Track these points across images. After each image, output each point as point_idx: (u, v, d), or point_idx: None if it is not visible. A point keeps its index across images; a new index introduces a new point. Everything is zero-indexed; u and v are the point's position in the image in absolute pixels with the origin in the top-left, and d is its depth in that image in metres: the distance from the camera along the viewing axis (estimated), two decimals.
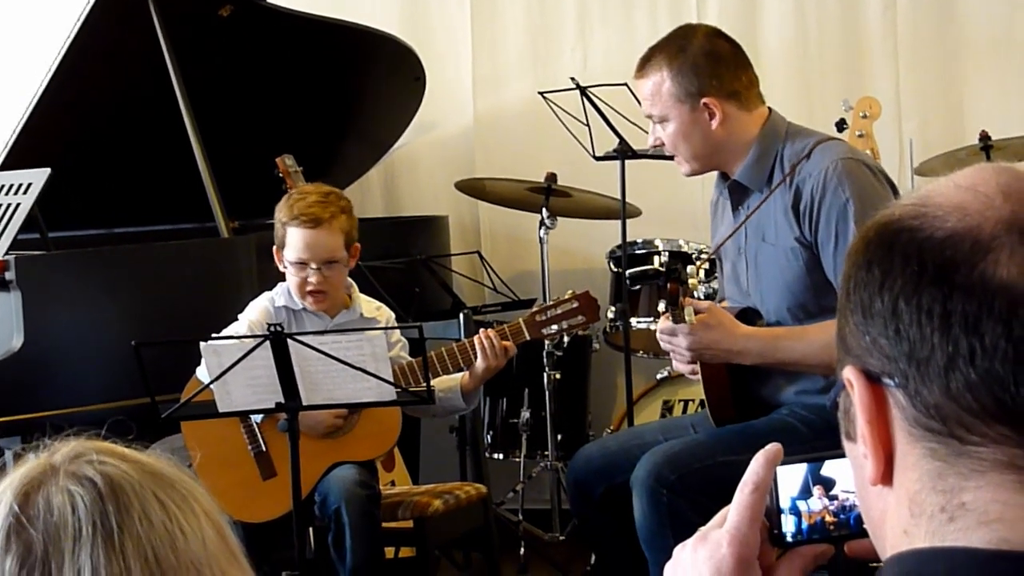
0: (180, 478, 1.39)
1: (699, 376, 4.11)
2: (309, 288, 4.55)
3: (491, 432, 6.21)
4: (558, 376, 6.02)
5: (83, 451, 1.37)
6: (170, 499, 1.35)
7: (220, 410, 4.10)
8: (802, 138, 4.10)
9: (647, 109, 4.16)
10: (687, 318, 3.95)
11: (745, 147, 4.10)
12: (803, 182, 3.98)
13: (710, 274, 5.59)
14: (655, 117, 4.14)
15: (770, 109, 4.17)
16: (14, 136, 5.65)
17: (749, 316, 4.12)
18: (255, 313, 4.61)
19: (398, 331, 4.69)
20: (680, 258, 5.87)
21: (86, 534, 1.30)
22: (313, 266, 4.52)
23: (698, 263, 4.18)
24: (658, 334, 4.09)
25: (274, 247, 4.62)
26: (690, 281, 4.08)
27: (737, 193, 4.18)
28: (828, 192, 3.92)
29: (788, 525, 1.55)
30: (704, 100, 4.05)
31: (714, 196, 4.40)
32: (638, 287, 5.93)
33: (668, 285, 4.00)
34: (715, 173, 4.31)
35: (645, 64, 4.15)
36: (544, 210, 6.15)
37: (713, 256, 4.36)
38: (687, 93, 4.06)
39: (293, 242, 4.53)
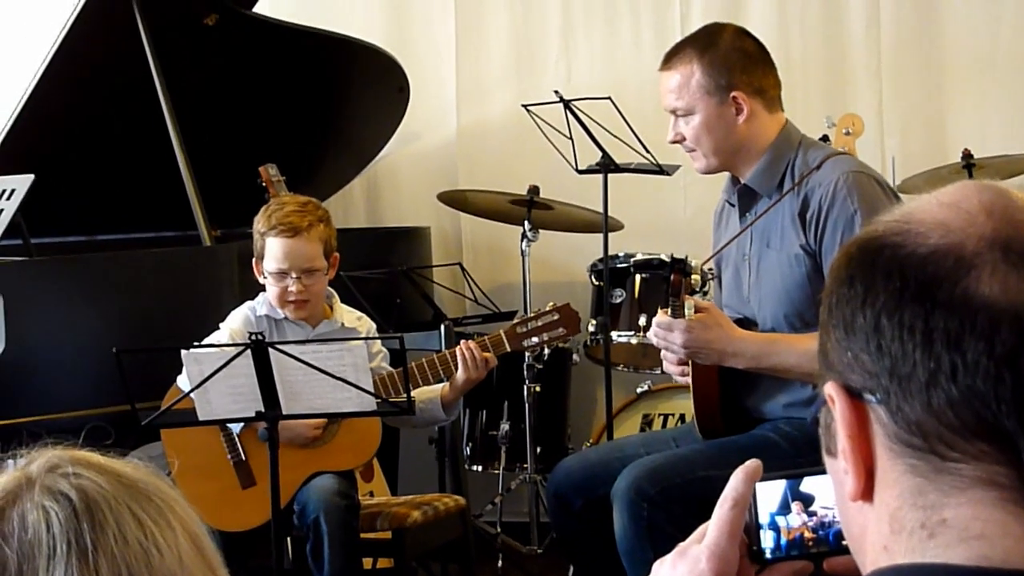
0: (157, 489, 1.37)
1: (688, 379, 4.11)
2: (290, 298, 4.54)
3: (470, 444, 6.20)
4: (538, 389, 6.01)
5: (59, 463, 1.34)
6: (146, 514, 1.33)
7: (200, 418, 4.09)
8: (815, 150, 4.13)
9: (671, 103, 4.15)
10: (686, 312, 3.95)
11: (760, 150, 4.12)
12: (812, 191, 4.00)
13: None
14: (680, 111, 4.13)
15: (787, 119, 4.19)
16: None
17: (745, 326, 4.12)
18: (236, 322, 4.60)
19: (379, 342, 4.69)
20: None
21: (60, 552, 1.27)
22: (293, 275, 4.51)
23: (702, 264, 4.18)
24: (654, 327, 4.06)
25: (253, 259, 4.61)
26: (693, 277, 4.08)
27: (746, 198, 4.19)
28: (837, 202, 3.93)
29: (767, 541, 1.55)
30: (733, 94, 4.07)
31: (719, 205, 4.41)
32: (620, 300, 5.92)
33: (672, 276, 3.99)
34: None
35: (673, 57, 4.15)
36: (526, 223, 6.14)
37: (712, 262, 4.35)
38: (717, 86, 4.07)
39: (272, 252, 4.52)
